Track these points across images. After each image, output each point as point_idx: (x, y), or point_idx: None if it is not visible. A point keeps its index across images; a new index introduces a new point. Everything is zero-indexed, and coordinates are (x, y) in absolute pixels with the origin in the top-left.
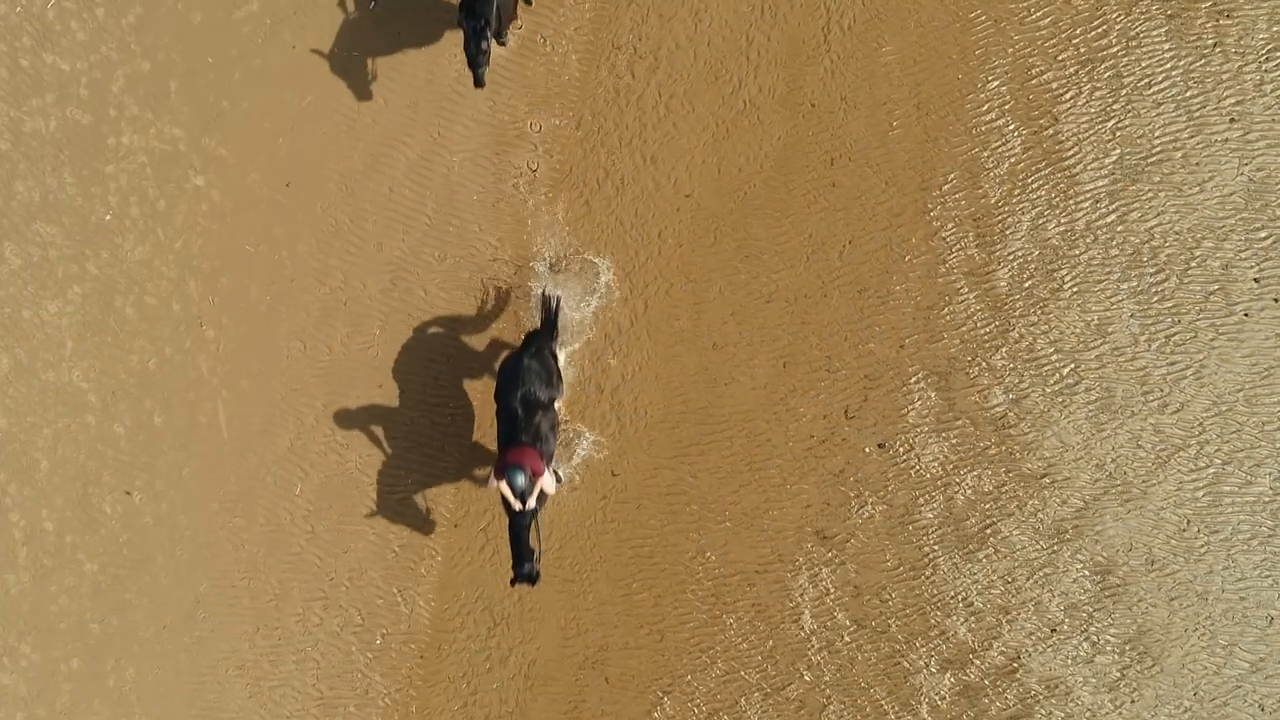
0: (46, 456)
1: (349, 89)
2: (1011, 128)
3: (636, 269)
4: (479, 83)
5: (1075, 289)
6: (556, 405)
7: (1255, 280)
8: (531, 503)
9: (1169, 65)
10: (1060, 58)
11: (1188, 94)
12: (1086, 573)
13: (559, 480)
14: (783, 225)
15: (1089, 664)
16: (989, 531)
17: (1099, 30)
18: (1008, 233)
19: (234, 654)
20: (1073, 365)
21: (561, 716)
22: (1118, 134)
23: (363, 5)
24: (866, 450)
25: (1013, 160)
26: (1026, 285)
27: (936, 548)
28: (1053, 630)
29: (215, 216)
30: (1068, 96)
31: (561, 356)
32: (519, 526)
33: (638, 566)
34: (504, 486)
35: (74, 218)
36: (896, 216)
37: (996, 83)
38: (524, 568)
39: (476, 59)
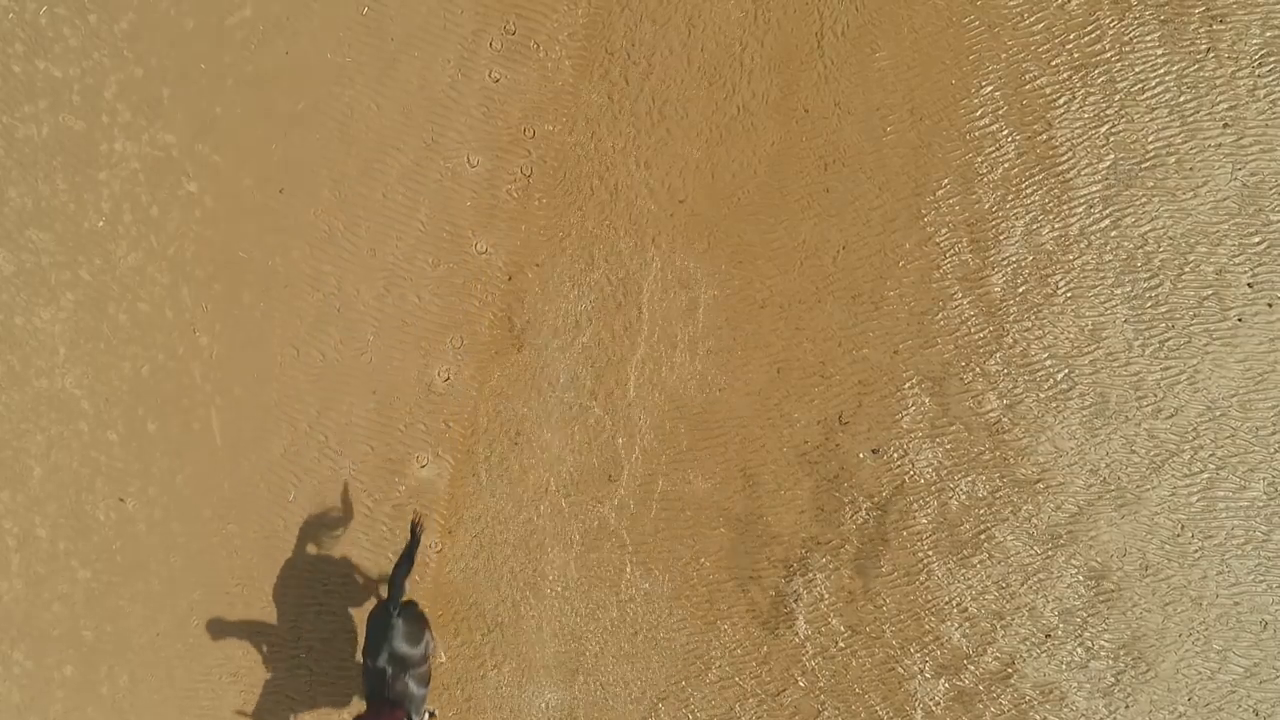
0: (39, 463)
1: (342, 95)
2: (1005, 133)
3: (631, 274)
4: None
5: (1069, 294)
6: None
7: (1249, 285)
8: None
9: (1162, 70)
10: (1054, 63)
11: (1181, 99)
12: (1081, 578)
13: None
14: (776, 230)
15: (1083, 669)
16: (983, 537)
17: (1093, 35)
18: (1001, 238)
19: (228, 661)
20: (1067, 370)
21: None
22: (1111, 139)
23: (355, 11)
24: (860, 456)
25: (1006, 165)
26: (1020, 290)
27: (931, 553)
28: (1047, 636)
29: (208, 223)
30: (1061, 102)
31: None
32: None
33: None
34: None
35: (67, 224)
36: (890, 222)
37: (990, 88)
38: None
39: None
